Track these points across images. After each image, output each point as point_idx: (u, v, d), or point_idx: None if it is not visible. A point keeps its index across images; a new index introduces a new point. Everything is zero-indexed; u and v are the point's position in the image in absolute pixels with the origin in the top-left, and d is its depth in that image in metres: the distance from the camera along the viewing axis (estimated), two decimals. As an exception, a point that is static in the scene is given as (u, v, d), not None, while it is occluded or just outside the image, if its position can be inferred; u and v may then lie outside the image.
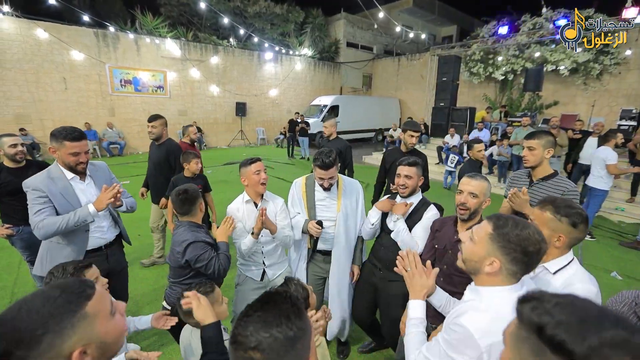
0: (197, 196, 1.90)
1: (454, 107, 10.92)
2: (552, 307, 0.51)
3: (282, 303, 0.73)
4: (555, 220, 1.30)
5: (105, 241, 2.17)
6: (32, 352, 0.63)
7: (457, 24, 22.71)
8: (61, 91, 10.49)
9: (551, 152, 2.12)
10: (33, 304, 0.66)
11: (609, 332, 0.45)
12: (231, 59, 13.99)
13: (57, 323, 0.65)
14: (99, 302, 0.73)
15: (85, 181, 2.11)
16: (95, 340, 0.71)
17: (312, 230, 2.13)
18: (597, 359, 0.44)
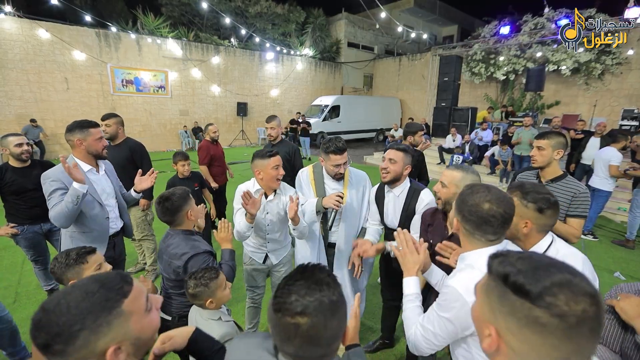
0: (181, 204, 1.69)
1: (456, 107, 10.93)
2: (515, 260, 0.63)
3: (319, 272, 0.76)
4: (522, 206, 1.28)
5: (113, 231, 2.28)
6: (68, 347, 0.63)
7: (458, 23, 22.71)
8: (63, 91, 10.51)
9: (561, 154, 2.09)
10: (72, 297, 0.67)
11: (557, 276, 0.58)
12: (232, 59, 14.00)
13: (94, 320, 0.65)
14: (135, 300, 0.73)
15: (100, 173, 2.24)
16: (130, 337, 0.71)
17: (332, 202, 1.97)
18: (548, 297, 0.56)
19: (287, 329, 0.70)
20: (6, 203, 2.72)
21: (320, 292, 0.71)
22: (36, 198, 2.57)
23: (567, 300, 0.56)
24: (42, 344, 0.63)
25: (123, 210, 2.41)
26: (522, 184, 1.36)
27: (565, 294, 0.56)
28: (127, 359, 0.70)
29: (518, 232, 1.31)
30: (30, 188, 2.65)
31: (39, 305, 0.66)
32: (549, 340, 0.57)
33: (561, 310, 0.55)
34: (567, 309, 0.55)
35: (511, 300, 0.60)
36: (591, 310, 0.55)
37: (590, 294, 0.56)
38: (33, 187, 2.61)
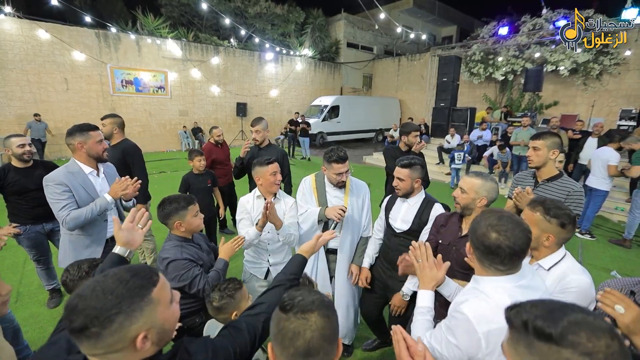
0: (169, 213, 1.70)
1: (455, 108, 10.96)
2: (529, 308, 0.66)
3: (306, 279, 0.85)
4: (545, 221, 1.36)
5: (112, 234, 2.27)
6: (104, 330, 0.67)
7: (457, 24, 22.76)
8: (63, 91, 10.53)
9: (556, 154, 2.13)
10: (107, 284, 0.71)
11: (572, 315, 0.62)
12: (232, 60, 14.03)
13: (129, 305, 0.70)
14: (162, 289, 0.78)
15: (100, 176, 2.27)
16: (157, 325, 0.75)
17: (335, 213, 2.02)
18: (571, 336, 0.59)
19: (297, 327, 0.73)
20: (9, 203, 2.75)
21: (318, 294, 0.78)
22: (38, 198, 2.58)
23: (589, 337, 0.58)
24: (79, 327, 0.67)
25: (121, 212, 2.43)
26: (544, 201, 1.43)
27: (585, 332, 0.59)
28: (150, 348, 0.75)
29: (540, 244, 1.38)
30: (32, 188, 2.67)
31: (73, 293, 0.71)
32: None
33: (586, 348, 0.58)
34: (592, 346, 0.57)
35: (538, 347, 0.62)
36: (613, 344, 0.58)
37: (608, 329, 0.59)
38: (35, 188, 2.63)
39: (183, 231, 1.74)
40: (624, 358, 0.59)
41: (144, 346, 0.73)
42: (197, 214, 1.78)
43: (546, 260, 1.39)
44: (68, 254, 2.16)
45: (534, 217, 1.38)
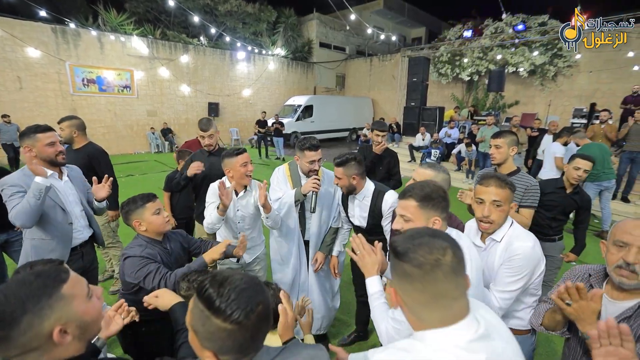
0: (128, 211, 1.67)
1: (424, 107, 11.33)
2: (399, 236, 0.81)
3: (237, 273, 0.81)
4: (511, 193, 1.47)
5: (81, 240, 2.20)
6: (12, 332, 0.69)
7: (425, 26, 23.50)
8: (16, 91, 9.78)
9: (515, 150, 2.29)
10: (10, 289, 0.73)
11: (420, 239, 0.75)
12: (202, 58, 13.66)
13: (35, 304, 0.72)
14: (74, 285, 0.80)
15: (63, 179, 2.15)
16: (74, 319, 0.77)
17: (311, 184, 2.07)
18: (411, 253, 0.73)
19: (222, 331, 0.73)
20: None
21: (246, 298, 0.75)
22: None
23: (423, 253, 0.72)
24: None
25: (91, 218, 2.32)
26: (498, 176, 1.50)
27: (423, 249, 0.73)
28: (73, 341, 0.78)
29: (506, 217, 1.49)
30: None
31: None
32: (416, 286, 0.74)
33: (419, 261, 0.72)
34: (423, 260, 0.72)
35: (393, 263, 0.79)
36: (444, 259, 0.71)
37: (443, 247, 0.73)
38: None
39: (144, 230, 1.67)
40: (451, 271, 0.72)
41: (64, 341, 0.75)
42: (159, 212, 1.69)
43: (497, 233, 1.48)
44: (30, 259, 2.02)
45: (505, 193, 1.44)
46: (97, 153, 2.98)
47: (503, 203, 1.43)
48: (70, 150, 2.96)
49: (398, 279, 0.78)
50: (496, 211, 1.44)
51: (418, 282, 0.73)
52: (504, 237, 1.47)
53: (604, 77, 10.44)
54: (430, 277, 0.72)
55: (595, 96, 10.37)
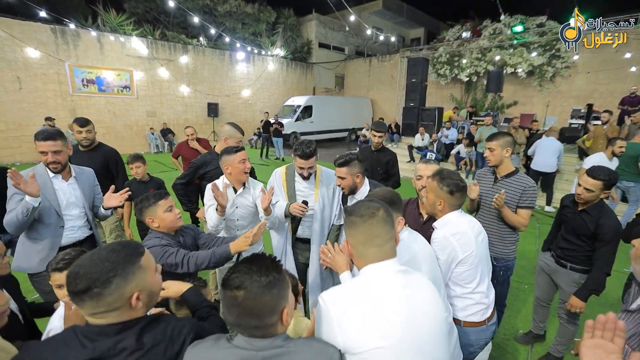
0: (142, 209, 1.72)
1: (423, 107, 11.37)
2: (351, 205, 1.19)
3: (263, 259, 0.90)
4: (438, 188, 1.63)
5: (75, 239, 2.21)
6: (105, 290, 0.82)
7: (424, 26, 23.57)
8: (15, 91, 9.77)
9: (509, 151, 2.29)
10: (102, 254, 0.86)
11: (365, 203, 1.12)
12: (201, 59, 13.67)
13: (123, 269, 0.85)
14: (148, 259, 0.95)
15: (69, 181, 2.19)
16: (146, 288, 0.92)
17: (296, 211, 2.11)
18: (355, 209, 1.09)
19: (229, 300, 0.83)
20: None
21: (258, 273, 0.84)
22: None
23: (364, 208, 1.08)
24: (83, 288, 0.81)
25: (91, 221, 2.34)
26: (440, 171, 1.70)
27: (364, 206, 1.09)
28: (141, 308, 0.91)
29: (435, 208, 1.67)
30: None
31: (74, 264, 0.86)
32: (358, 229, 1.06)
33: (360, 213, 1.07)
34: (364, 212, 1.06)
35: (345, 220, 1.12)
36: (377, 212, 1.06)
37: (377, 206, 1.07)
38: None
39: (157, 227, 1.73)
40: (382, 220, 1.04)
41: (138, 305, 0.88)
42: (171, 209, 1.74)
43: (438, 222, 1.68)
44: (19, 257, 2.09)
45: (432, 184, 1.68)
46: (112, 153, 3.10)
47: (428, 191, 1.71)
48: (81, 152, 3.01)
49: (348, 229, 1.09)
50: (425, 195, 1.79)
51: (360, 226, 1.05)
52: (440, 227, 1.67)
53: (602, 78, 10.50)
54: (368, 223, 1.04)
55: (593, 97, 10.44)
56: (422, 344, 0.97)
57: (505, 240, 2.31)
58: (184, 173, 2.85)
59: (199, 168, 2.80)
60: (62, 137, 2.09)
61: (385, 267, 1.03)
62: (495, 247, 2.32)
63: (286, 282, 0.90)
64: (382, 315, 0.94)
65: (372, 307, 0.95)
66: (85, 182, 2.30)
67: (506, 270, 2.37)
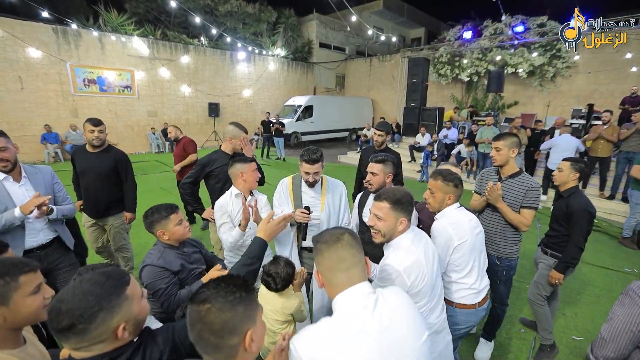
0: (152, 221, 1.73)
1: (424, 107, 11.39)
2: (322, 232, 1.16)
3: (234, 279, 0.88)
4: (445, 185, 1.82)
5: (37, 243, 2.15)
6: (90, 325, 0.81)
7: (425, 26, 23.56)
8: (16, 91, 9.79)
9: (516, 152, 2.31)
10: (85, 287, 0.84)
11: (330, 231, 1.12)
12: (202, 59, 13.70)
13: (108, 302, 0.84)
14: (134, 287, 0.92)
15: (20, 182, 2.12)
16: (132, 317, 0.90)
17: (300, 217, 2.11)
18: (321, 238, 1.11)
19: (193, 315, 0.81)
20: None
21: (225, 289, 0.82)
22: None
23: (329, 235, 1.09)
24: (67, 326, 0.79)
25: (55, 221, 2.25)
26: (440, 171, 1.89)
27: (328, 233, 1.10)
28: (128, 336, 0.90)
29: (444, 204, 1.85)
30: None
31: (54, 299, 0.83)
32: (324, 256, 1.06)
33: (325, 239, 1.08)
34: (327, 239, 1.07)
35: (314, 249, 1.10)
36: (342, 237, 1.06)
37: (341, 232, 1.09)
38: None
39: (167, 239, 1.75)
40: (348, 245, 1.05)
41: (124, 335, 0.87)
42: (181, 223, 1.77)
43: (439, 214, 1.88)
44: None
45: (436, 184, 1.85)
46: (123, 156, 3.10)
47: (435, 191, 1.86)
48: (89, 152, 2.94)
49: (316, 257, 1.09)
50: (430, 197, 1.90)
51: (325, 252, 1.06)
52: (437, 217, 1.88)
53: (602, 78, 10.51)
54: (332, 247, 1.05)
55: (594, 97, 10.45)
56: None
57: (509, 240, 2.34)
58: (191, 172, 2.86)
59: (205, 166, 2.82)
60: (3, 134, 2.03)
61: (354, 293, 1.01)
62: (499, 247, 2.36)
63: (255, 303, 0.87)
64: (355, 357, 0.91)
65: (344, 349, 0.91)
66: (39, 181, 2.21)
67: (509, 270, 2.40)
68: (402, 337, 0.98)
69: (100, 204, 3.01)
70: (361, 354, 0.91)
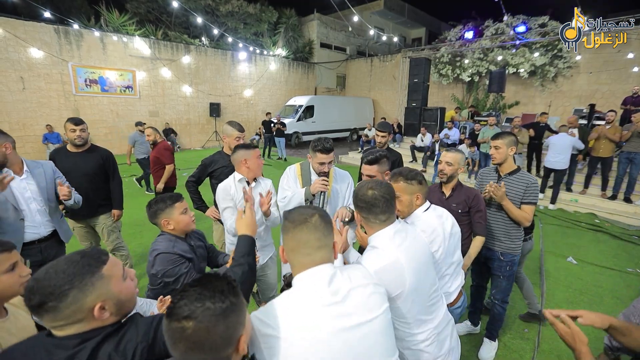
0: (156, 211, 1.69)
1: (425, 108, 11.39)
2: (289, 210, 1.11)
3: (217, 281, 0.77)
4: (409, 185, 1.66)
5: (38, 235, 2.25)
6: (61, 304, 0.79)
7: (426, 26, 23.58)
8: (18, 91, 9.82)
9: (514, 150, 2.38)
10: (59, 266, 0.83)
11: (297, 209, 1.08)
12: (204, 59, 13.71)
13: (80, 280, 0.82)
14: (112, 267, 0.90)
15: (22, 176, 2.21)
16: (112, 297, 0.87)
17: (319, 185, 2.08)
18: (289, 215, 1.06)
19: (175, 333, 0.70)
20: None
21: (211, 298, 0.72)
22: None
23: (297, 214, 1.04)
24: (37, 303, 0.78)
25: (53, 214, 2.34)
26: (399, 172, 1.72)
27: (297, 212, 1.05)
28: (110, 317, 0.88)
29: (413, 206, 1.68)
30: None
31: (30, 278, 0.83)
32: (289, 235, 1.02)
33: (292, 218, 1.03)
34: (295, 218, 1.02)
35: (281, 225, 1.08)
36: (310, 219, 1.01)
37: (311, 213, 1.03)
38: None
39: (172, 229, 1.71)
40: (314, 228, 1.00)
41: (102, 315, 0.85)
42: (186, 212, 1.74)
43: (409, 219, 1.70)
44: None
45: (400, 186, 1.66)
46: (109, 155, 3.10)
47: (400, 194, 1.67)
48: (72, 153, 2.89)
49: (282, 234, 1.06)
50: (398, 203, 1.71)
51: (290, 232, 1.02)
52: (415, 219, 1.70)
53: (604, 78, 10.51)
54: (297, 229, 1.00)
55: (595, 97, 10.45)
56: (357, 355, 0.94)
57: (512, 236, 2.40)
58: (194, 171, 2.89)
59: (207, 166, 2.85)
60: None
61: (314, 272, 0.98)
62: (502, 243, 2.42)
63: (244, 305, 0.80)
64: (307, 335, 0.90)
65: (298, 322, 0.91)
66: (41, 176, 2.29)
67: (512, 265, 2.46)
68: (357, 312, 0.97)
69: (92, 203, 2.98)
70: (314, 327, 0.91)
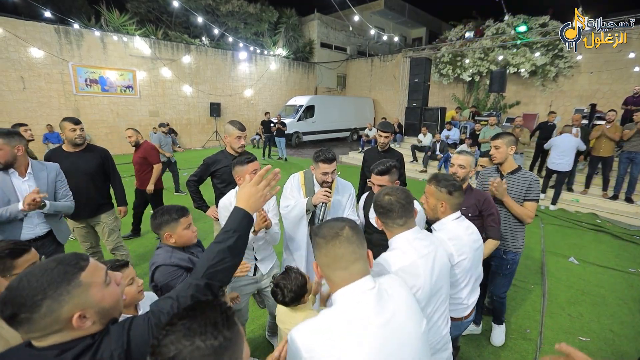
0: (160, 223, 1.67)
1: (426, 107, 11.37)
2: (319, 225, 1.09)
3: (210, 311, 0.69)
4: (437, 191, 1.67)
5: (34, 235, 2.29)
6: (34, 315, 0.73)
7: (426, 26, 23.55)
8: (19, 91, 9.81)
9: (513, 149, 2.43)
10: (33, 274, 0.76)
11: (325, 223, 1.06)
12: (204, 59, 13.70)
13: (54, 290, 0.75)
14: (92, 273, 0.83)
15: (25, 177, 2.25)
16: (92, 305, 0.81)
17: (322, 196, 2.08)
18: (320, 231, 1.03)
19: None
20: None
21: (202, 335, 0.64)
22: None
23: (327, 229, 1.01)
24: (9, 315, 0.73)
25: (50, 215, 2.35)
26: (436, 176, 1.75)
27: (327, 226, 1.02)
28: (93, 326, 0.81)
29: (437, 211, 1.69)
30: None
31: (6, 286, 0.77)
32: (322, 252, 1.00)
33: (323, 234, 1.01)
34: (325, 233, 1.00)
35: (312, 242, 1.05)
36: (342, 232, 0.99)
37: (341, 225, 1.01)
38: None
39: (173, 242, 1.69)
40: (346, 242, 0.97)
41: (83, 325, 0.78)
42: (190, 227, 1.72)
43: (437, 224, 1.71)
44: None
45: (429, 189, 1.72)
46: (108, 153, 3.14)
47: (428, 196, 1.74)
48: (71, 153, 2.87)
49: (315, 251, 1.04)
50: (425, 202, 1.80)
51: (323, 248, 0.99)
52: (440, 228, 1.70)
53: (605, 78, 10.48)
54: (330, 244, 0.98)
55: (596, 97, 10.42)
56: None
57: (516, 234, 2.46)
58: (196, 170, 2.88)
59: (210, 166, 2.83)
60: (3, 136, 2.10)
61: (355, 290, 0.96)
62: (506, 242, 2.46)
63: (241, 338, 0.71)
64: (354, 353, 0.88)
65: (345, 343, 0.88)
66: (43, 177, 2.32)
67: (513, 263, 2.52)
68: (403, 330, 0.96)
69: (93, 203, 3.00)
70: (362, 347, 0.88)
